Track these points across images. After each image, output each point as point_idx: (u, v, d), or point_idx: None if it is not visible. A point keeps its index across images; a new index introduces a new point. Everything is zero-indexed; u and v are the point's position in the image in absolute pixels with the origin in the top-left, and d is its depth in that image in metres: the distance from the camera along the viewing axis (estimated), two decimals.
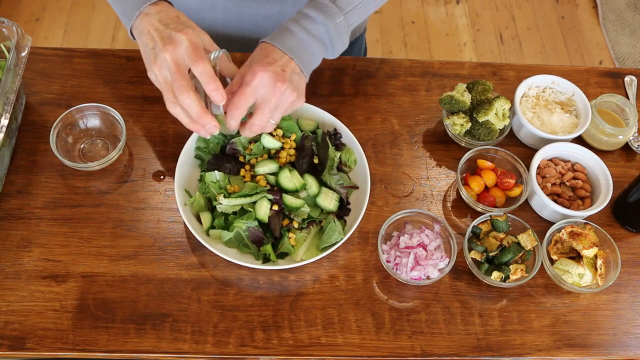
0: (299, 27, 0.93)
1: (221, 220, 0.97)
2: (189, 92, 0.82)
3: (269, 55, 0.89)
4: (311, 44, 0.93)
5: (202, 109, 0.84)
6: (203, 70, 0.82)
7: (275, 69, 0.87)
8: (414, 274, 0.96)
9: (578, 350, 0.95)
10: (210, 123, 0.85)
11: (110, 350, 0.90)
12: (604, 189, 1.05)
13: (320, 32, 0.93)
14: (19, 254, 0.97)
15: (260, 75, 0.85)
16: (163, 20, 0.87)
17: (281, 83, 0.86)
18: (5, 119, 0.97)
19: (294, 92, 0.88)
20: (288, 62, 0.89)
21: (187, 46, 0.83)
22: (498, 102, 1.09)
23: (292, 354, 0.92)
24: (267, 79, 0.86)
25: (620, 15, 2.80)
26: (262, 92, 0.86)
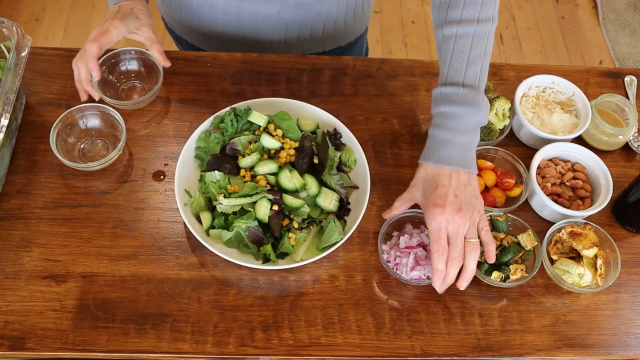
0: (451, 132, 0.93)
1: (221, 220, 0.97)
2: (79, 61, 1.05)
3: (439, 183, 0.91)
4: (469, 140, 0.94)
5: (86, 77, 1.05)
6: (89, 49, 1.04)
7: (450, 200, 0.89)
8: (414, 274, 0.96)
9: (578, 350, 0.95)
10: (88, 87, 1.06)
11: (110, 350, 0.90)
12: (604, 189, 1.05)
13: (472, 124, 0.94)
14: (19, 254, 0.97)
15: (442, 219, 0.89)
16: (120, 6, 1.09)
17: (461, 213, 0.89)
18: (5, 119, 0.97)
19: (473, 210, 0.91)
20: (457, 181, 0.91)
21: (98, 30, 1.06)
22: (498, 102, 1.09)
23: (292, 354, 0.92)
24: (450, 218, 0.89)
25: (620, 15, 2.80)
26: (448, 230, 0.90)
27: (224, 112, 1.05)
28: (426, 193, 0.92)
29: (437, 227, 0.90)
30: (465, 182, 0.92)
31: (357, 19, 1.30)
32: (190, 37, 1.32)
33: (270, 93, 1.16)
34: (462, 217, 0.90)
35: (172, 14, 1.30)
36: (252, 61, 1.20)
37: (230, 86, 1.16)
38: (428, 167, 0.94)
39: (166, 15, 1.33)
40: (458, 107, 0.93)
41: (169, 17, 1.32)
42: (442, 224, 0.89)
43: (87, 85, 1.06)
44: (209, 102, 1.14)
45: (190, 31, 1.30)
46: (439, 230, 0.90)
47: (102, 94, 1.07)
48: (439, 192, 0.91)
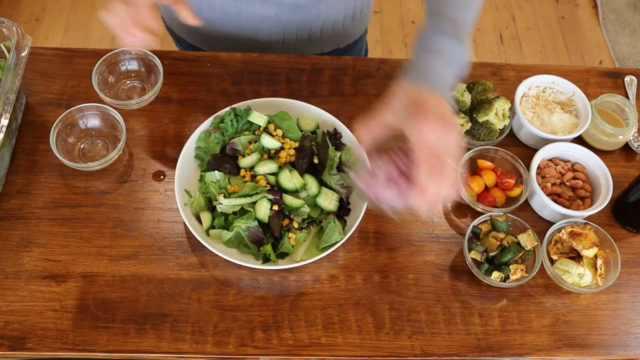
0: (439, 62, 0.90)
1: (221, 220, 0.97)
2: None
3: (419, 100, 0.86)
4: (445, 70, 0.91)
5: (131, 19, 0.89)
6: None
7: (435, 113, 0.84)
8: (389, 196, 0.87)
9: (578, 350, 0.95)
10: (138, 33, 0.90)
11: (110, 350, 0.90)
12: (604, 189, 1.05)
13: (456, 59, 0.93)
14: (19, 254, 0.97)
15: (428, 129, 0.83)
16: None
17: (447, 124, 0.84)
18: (5, 119, 0.97)
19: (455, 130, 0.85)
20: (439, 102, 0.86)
21: None
22: (498, 102, 1.09)
23: (292, 354, 0.92)
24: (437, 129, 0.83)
25: (620, 15, 2.80)
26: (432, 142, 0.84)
27: (224, 112, 1.05)
28: (408, 109, 0.86)
29: (421, 137, 0.84)
30: (448, 109, 0.87)
31: (356, 22, 1.30)
32: (189, 36, 1.32)
33: (270, 93, 1.16)
34: (447, 134, 0.84)
35: (170, 13, 1.30)
36: (252, 61, 1.20)
37: (230, 86, 1.16)
38: (407, 85, 0.88)
39: (165, 15, 1.34)
40: (447, 40, 0.92)
41: (168, 16, 1.32)
42: (428, 134, 0.84)
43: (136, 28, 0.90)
44: (209, 102, 1.14)
45: (188, 30, 1.30)
46: (423, 140, 0.84)
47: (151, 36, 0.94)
48: (424, 107, 0.85)
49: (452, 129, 0.84)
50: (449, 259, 1.01)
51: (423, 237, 1.03)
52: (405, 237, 1.03)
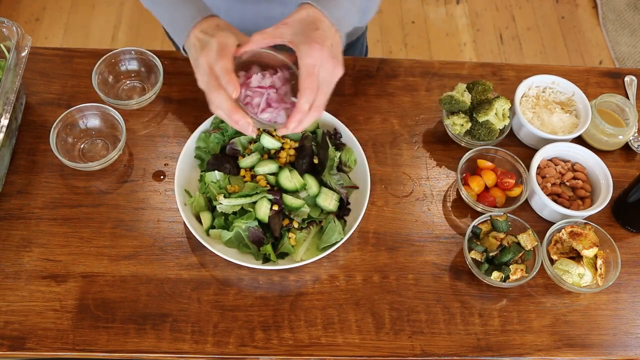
0: None
1: (221, 220, 0.97)
2: (218, 90, 0.85)
3: (318, 26, 0.87)
4: (352, 12, 0.92)
5: (232, 106, 0.85)
6: (221, 68, 0.85)
7: (327, 44, 0.86)
8: (265, 115, 0.91)
9: (578, 350, 0.95)
10: (242, 120, 0.86)
11: (110, 350, 0.90)
12: (604, 189, 1.05)
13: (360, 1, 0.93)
14: (19, 254, 0.97)
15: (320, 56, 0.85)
16: (204, 30, 0.91)
17: (335, 60, 0.86)
18: (5, 119, 0.97)
19: (340, 67, 0.88)
20: (333, 35, 0.88)
21: (215, 48, 0.86)
22: (498, 102, 1.09)
23: (292, 354, 0.92)
24: (325, 60, 0.85)
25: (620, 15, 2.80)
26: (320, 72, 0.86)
27: None
28: (305, 31, 0.88)
29: (312, 64, 0.85)
30: (339, 42, 0.90)
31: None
32: None
33: None
34: (333, 66, 0.86)
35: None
36: None
37: None
38: (310, 9, 0.89)
39: None
40: None
41: None
42: (317, 61, 0.85)
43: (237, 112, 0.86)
44: None
45: None
46: (313, 67, 0.85)
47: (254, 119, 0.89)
48: (319, 33, 0.87)
49: (339, 67, 0.88)
50: (449, 259, 1.01)
51: (423, 237, 1.03)
52: (405, 237, 1.03)
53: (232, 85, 0.84)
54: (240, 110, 0.86)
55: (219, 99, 0.85)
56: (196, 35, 0.91)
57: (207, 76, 0.86)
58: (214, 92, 0.86)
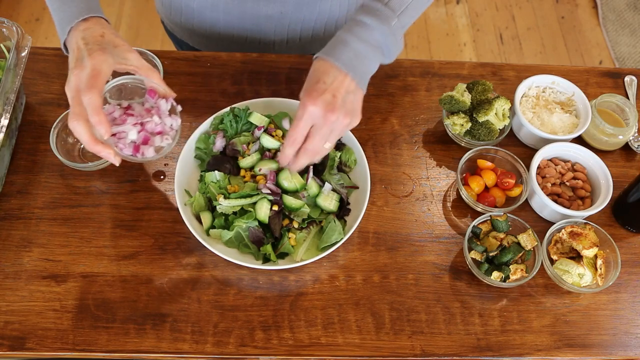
0: (353, 36, 0.89)
1: (221, 220, 0.97)
2: (77, 120, 0.83)
3: (321, 78, 0.87)
4: (367, 52, 0.89)
5: (91, 138, 0.84)
6: (89, 101, 0.82)
7: (326, 97, 0.85)
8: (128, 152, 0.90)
9: (578, 350, 0.95)
10: (103, 152, 0.85)
11: (110, 350, 0.90)
12: (604, 189, 1.05)
13: (376, 39, 0.90)
14: (19, 254, 0.97)
15: (310, 110, 0.85)
16: (86, 38, 0.87)
17: (331, 113, 0.85)
18: (5, 119, 0.97)
19: (346, 117, 0.86)
20: (341, 84, 0.86)
21: (87, 72, 0.83)
22: (498, 102, 1.09)
23: (292, 354, 0.92)
24: (317, 112, 0.85)
25: (620, 15, 2.80)
26: (312, 123, 0.86)
27: (223, 112, 1.05)
28: (306, 86, 0.88)
29: (301, 115, 0.85)
30: (348, 88, 0.87)
31: None
32: (191, 39, 1.31)
33: (270, 93, 1.16)
34: (332, 116, 0.85)
35: (172, 17, 1.29)
36: (252, 61, 1.20)
37: (230, 86, 1.16)
38: (317, 63, 0.89)
39: (166, 18, 1.33)
40: (369, 17, 0.90)
41: (169, 20, 1.32)
42: (308, 113, 0.85)
43: (101, 145, 0.85)
44: (209, 102, 1.14)
45: (191, 33, 1.30)
46: (300, 119, 0.85)
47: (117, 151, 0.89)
48: (318, 86, 0.86)
49: (334, 116, 0.85)
50: (449, 259, 1.01)
51: (423, 237, 1.03)
52: (405, 237, 1.03)
53: (103, 127, 0.83)
54: (100, 142, 0.84)
55: (78, 128, 0.83)
56: (77, 41, 0.87)
57: (72, 99, 0.83)
58: (73, 121, 0.83)
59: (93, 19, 0.89)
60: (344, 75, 0.87)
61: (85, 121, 0.83)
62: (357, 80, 0.88)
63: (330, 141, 0.89)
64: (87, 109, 0.82)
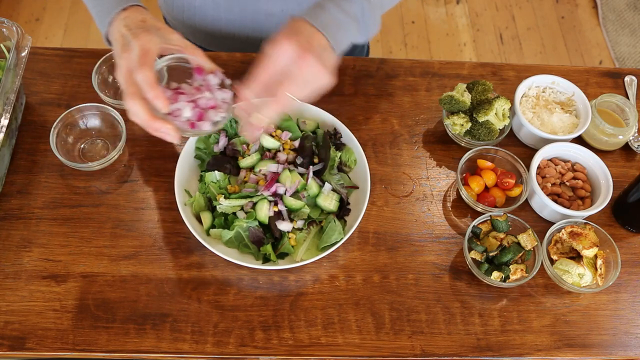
0: (332, 3, 0.87)
1: (221, 220, 0.97)
2: (134, 99, 0.82)
3: (298, 29, 0.82)
4: (345, 22, 0.86)
5: (150, 115, 0.82)
6: (143, 77, 0.81)
7: (301, 39, 0.79)
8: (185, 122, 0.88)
9: (578, 350, 0.95)
10: (163, 127, 0.83)
11: (110, 350, 0.90)
12: (604, 189, 1.05)
13: (354, 10, 0.87)
14: (19, 254, 0.97)
15: (281, 45, 0.79)
16: (128, 25, 0.87)
17: (308, 53, 0.79)
18: (5, 119, 0.97)
19: (321, 65, 0.80)
20: (318, 37, 0.82)
21: (136, 52, 0.82)
22: (498, 102, 1.09)
23: (292, 354, 0.92)
24: (291, 49, 0.79)
25: (620, 15, 2.80)
26: (284, 64, 0.80)
27: None
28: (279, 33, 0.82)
29: (271, 52, 0.79)
30: (322, 44, 0.82)
31: None
32: (193, 36, 1.32)
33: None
34: (308, 57, 0.78)
35: (174, 14, 1.30)
36: (252, 61, 1.19)
37: None
38: (292, 22, 0.84)
39: (168, 15, 1.33)
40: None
41: (171, 17, 1.32)
42: (282, 49, 0.79)
43: (160, 121, 0.83)
44: None
45: (193, 30, 1.30)
46: (270, 56, 0.79)
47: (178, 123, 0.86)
48: (292, 31, 0.81)
49: (310, 58, 0.79)
50: (449, 259, 1.01)
51: (423, 237, 1.03)
52: (405, 237, 1.03)
53: (161, 101, 0.81)
54: (159, 118, 0.83)
55: (134, 107, 0.82)
56: (120, 29, 0.87)
57: (125, 81, 0.83)
58: (129, 100, 0.82)
59: (132, 8, 0.90)
60: (319, 34, 0.83)
61: (141, 99, 0.82)
62: (332, 43, 0.84)
63: (304, 94, 0.82)
64: (142, 85, 0.81)
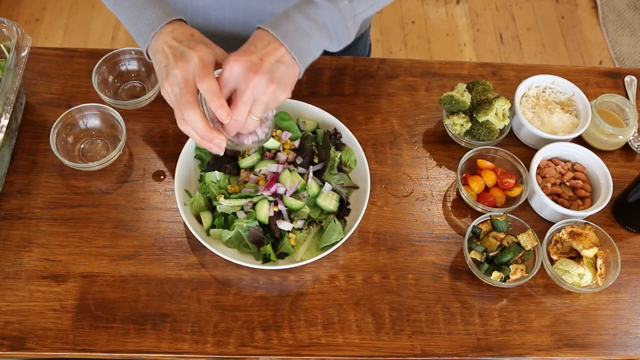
0: (298, 11, 0.86)
1: (221, 220, 0.97)
2: (194, 108, 0.81)
3: (254, 43, 0.83)
4: (310, 29, 0.85)
5: (207, 126, 0.82)
6: (208, 87, 0.81)
7: (252, 58, 0.81)
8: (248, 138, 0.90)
9: (578, 350, 0.95)
10: (217, 138, 0.83)
11: (110, 350, 0.90)
12: (604, 189, 1.05)
13: (321, 17, 0.86)
14: (19, 254, 0.97)
15: (230, 66, 0.81)
16: (177, 37, 0.86)
17: (253, 74, 0.80)
18: (5, 119, 0.97)
19: (270, 83, 0.81)
20: (273, 51, 0.82)
21: (196, 63, 0.82)
22: (498, 102, 1.09)
23: (292, 354, 0.92)
24: (238, 69, 0.80)
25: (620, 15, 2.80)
26: (234, 84, 0.82)
27: None
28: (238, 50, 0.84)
29: (222, 73, 0.81)
30: (280, 58, 0.82)
31: None
32: None
33: None
34: (255, 78, 0.80)
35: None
36: None
37: None
38: (255, 32, 0.85)
39: None
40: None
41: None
42: (229, 70, 0.80)
43: (216, 132, 0.83)
44: None
45: None
46: (221, 76, 0.81)
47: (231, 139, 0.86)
48: (247, 48, 0.82)
49: (256, 78, 0.80)
50: (449, 259, 1.01)
51: (423, 237, 1.03)
52: (405, 237, 1.03)
53: (225, 112, 0.81)
54: (215, 130, 0.83)
55: (193, 117, 0.81)
56: (167, 41, 0.86)
57: (180, 90, 0.82)
58: (188, 110, 0.81)
59: (176, 22, 0.90)
60: (278, 44, 0.83)
61: (200, 110, 0.82)
62: (293, 54, 0.84)
63: (256, 113, 0.83)
64: (207, 95, 0.81)
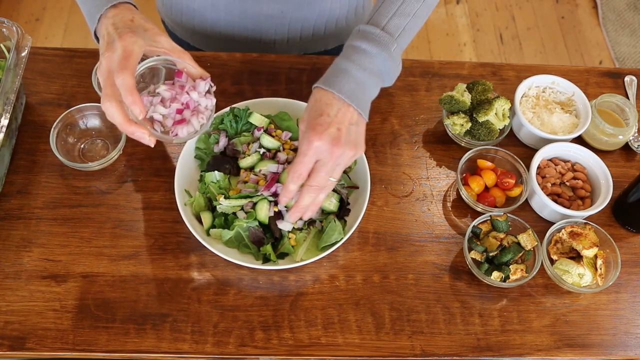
0: (353, 64, 0.88)
1: (221, 220, 0.97)
2: (110, 101, 0.82)
3: (324, 111, 0.85)
4: (369, 81, 0.89)
5: (125, 119, 0.83)
6: (122, 82, 0.81)
7: (331, 131, 0.84)
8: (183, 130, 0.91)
9: (578, 350, 0.95)
10: (137, 132, 0.84)
11: (110, 350, 0.90)
12: (604, 189, 1.05)
13: (377, 66, 0.89)
14: (19, 254, 0.97)
15: (315, 146, 0.84)
16: (116, 23, 0.86)
17: (337, 147, 0.84)
18: (5, 119, 0.97)
19: (351, 150, 0.86)
20: (344, 116, 0.86)
21: (119, 54, 0.82)
22: (498, 102, 1.09)
23: (292, 354, 0.92)
24: (324, 147, 0.84)
25: (620, 15, 2.80)
26: (318, 158, 0.86)
27: (223, 112, 1.05)
28: (309, 119, 0.86)
29: (306, 150, 0.84)
30: (351, 120, 0.86)
31: (359, 17, 1.31)
32: (192, 39, 1.31)
33: (270, 93, 1.16)
34: (337, 150, 0.84)
35: (172, 16, 1.29)
36: (252, 61, 1.20)
37: (230, 86, 1.16)
38: (318, 93, 0.88)
39: (167, 18, 1.33)
40: (368, 44, 0.89)
41: (170, 20, 1.32)
42: (313, 149, 0.84)
43: (135, 126, 0.85)
44: None
45: (192, 33, 1.30)
46: (305, 155, 0.84)
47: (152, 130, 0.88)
48: (322, 119, 0.85)
49: (347, 149, 0.85)
50: (449, 259, 1.01)
51: (423, 237, 1.03)
52: (405, 237, 1.03)
53: (138, 107, 0.82)
54: (134, 123, 0.84)
55: (110, 109, 0.82)
56: (107, 27, 0.86)
57: (104, 81, 0.83)
58: (106, 102, 0.82)
59: (122, 5, 0.89)
60: (347, 106, 0.86)
61: (118, 102, 0.82)
62: (360, 110, 0.87)
63: (335, 176, 0.88)
64: (121, 89, 0.81)
